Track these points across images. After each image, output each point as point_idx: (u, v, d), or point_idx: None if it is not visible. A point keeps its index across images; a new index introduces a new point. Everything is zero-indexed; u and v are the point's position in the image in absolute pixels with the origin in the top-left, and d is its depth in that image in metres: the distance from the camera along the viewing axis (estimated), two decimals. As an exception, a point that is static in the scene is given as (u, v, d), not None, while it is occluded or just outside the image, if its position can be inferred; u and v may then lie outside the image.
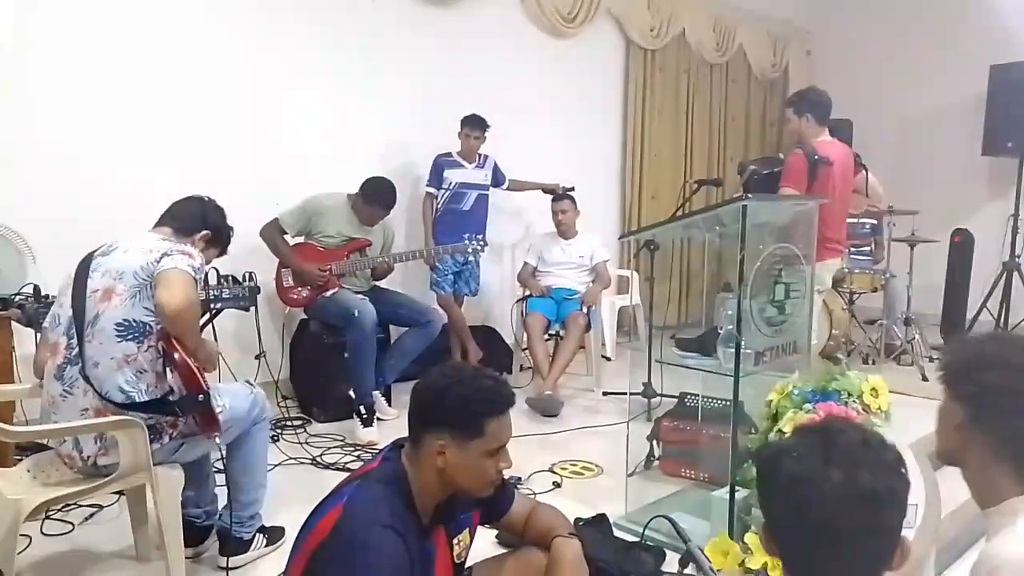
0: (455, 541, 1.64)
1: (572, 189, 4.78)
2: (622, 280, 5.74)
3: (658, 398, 3.74)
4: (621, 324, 5.60)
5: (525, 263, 4.79)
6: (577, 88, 5.64)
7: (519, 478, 3.07)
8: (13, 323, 2.66)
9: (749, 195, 2.72)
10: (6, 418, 2.50)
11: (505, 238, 5.35)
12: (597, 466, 3.32)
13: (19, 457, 2.47)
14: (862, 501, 0.90)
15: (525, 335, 4.43)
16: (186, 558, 2.37)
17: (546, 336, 4.47)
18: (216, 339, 3.23)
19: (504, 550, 1.92)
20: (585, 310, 4.39)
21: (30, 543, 2.47)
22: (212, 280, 3.14)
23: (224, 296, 3.15)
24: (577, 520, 2.62)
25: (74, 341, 2.00)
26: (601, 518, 2.64)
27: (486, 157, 4.61)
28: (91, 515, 2.69)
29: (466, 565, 1.72)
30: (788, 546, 0.97)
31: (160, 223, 2.27)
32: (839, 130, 6.12)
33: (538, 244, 4.81)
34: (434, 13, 4.78)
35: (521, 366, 4.76)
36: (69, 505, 2.71)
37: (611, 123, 6.06)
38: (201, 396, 1.98)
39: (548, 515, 1.78)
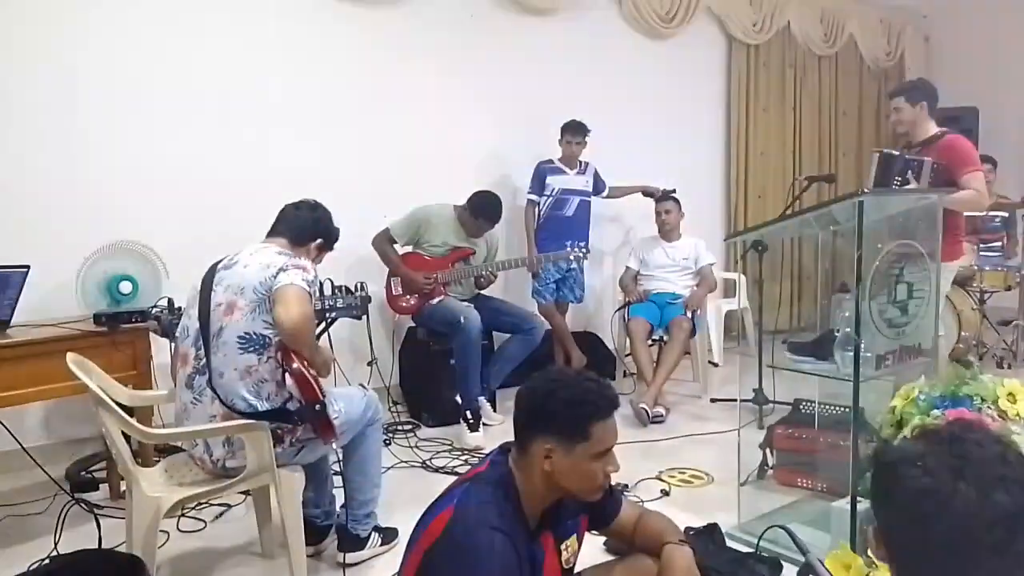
0: (563, 546, 1.64)
1: (674, 191, 4.70)
2: (728, 283, 5.59)
3: (770, 405, 3.63)
4: (729, 329, 5.44)
5: (627, 267, 4.73)
6: (677, 89, 5.55)
7: (626, 485, 3.03)
8: (151, 333, 2.88)
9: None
10: (145, 422, 2.70)
11: (606, 243, 5.32)
12: (707, 474, 3.24)
13: (157, 459, 2.67)
14: (994, 523, 0.83)
15: (628, 341, 4.37)
16: (307, 555, 2.50)
17: (650, 342, 4.41)
18: (331, 346, 3.37)
19: (612, 558, 1.90)
20: (689, 314, 4.29)
21: (168, 538, 2.66)
22: (327, 291, 3.29)
23: (338, 306, 3.29)
24: (688, 529, 2.56)
25: (202, 352, 2.13)
26: (713, 528, 2.58)
27: (587, 164, 4.60)
28: (221, 514, 2.87)
29: (575, 571, 1.71)
30: (903, 559, 0.91)
31: (275, 233, 2.37)
32: (963, 119, 5.75)
33: (640, 248, 4.74)
34: (531, 22, 4.83)
35: (625, 372, 4.71)
36: (201, 504, 2.91)
37: (713, 122, 5.92)
38: (318, 405, 2.06)
39: (658, 521, 1.75)
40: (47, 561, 1.88)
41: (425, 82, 4.39)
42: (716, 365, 5.07)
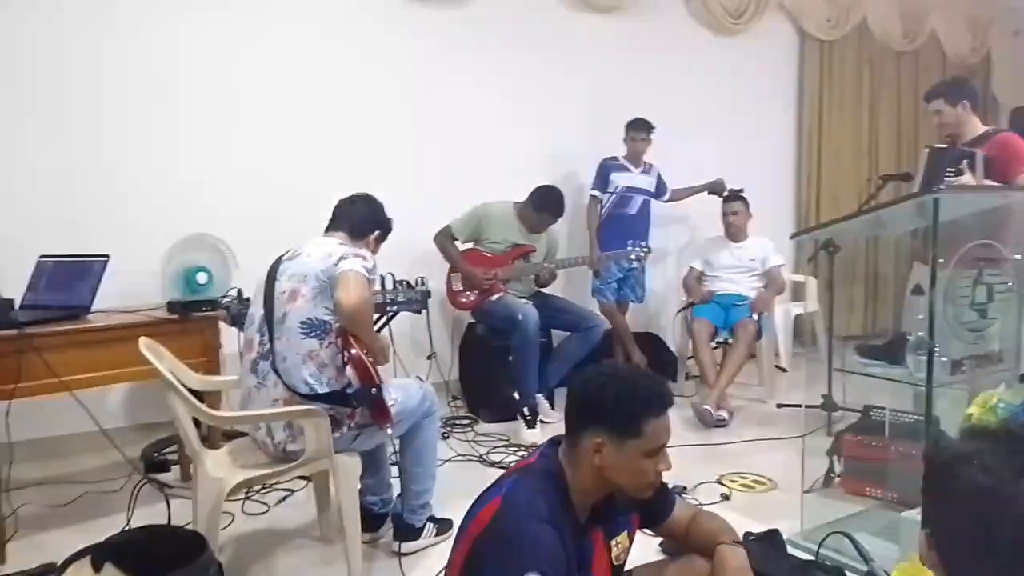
0: (613, 542, 1.62)
1: (741, 191, 4.59)
2: (798, 286, 5.43)
3: (839, 412, 3.50)
4: (798, 333, 5.28)
5: (691, 268, 4.64)
6: (746, 86, 5.42)
7: (684, 487, 2.98)
8: (220, 322, 2.98)
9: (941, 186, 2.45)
10: (214, 406, 2.80)
11: (671, 243, 5.24)
12: (769, 480, 3.15)
13: (225, 443, 2.76)
14: None
15: (690, 342, 4.29)
16: (364, 543, 2.54)
17: (714, 344, 4.32)
18: (392, 339, 3.44)
19: (665, 558, 1.87)
20: (756, 317, 4.18)
21: (232, 520, 2.75)
22: (388, 284, 3.35)
23: (399, 299, 3.35)
24: (747, 535, 2.49)
25: (266, 338, 2.20)
26: (773, 534, 2.50)
27: (651, 165, 4.55)
28: (284, 498, 2.95)
29: (625, 568, 1.69)
30: (958, 562, 0.86)
31: (334, 227, 2.43)
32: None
33: (705, 248, 4.65)
34: (595, 20, 4.80)
35: (687, 374, 4.63)
36: (265, 488, 3.01)
37: (784, 121, 5.75)
38: (374, 389, 2.11)
39: (712, 522, 1.70)
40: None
41: (489, 80, 4.43)
42: (784, 370, 4.93)
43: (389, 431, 2.22)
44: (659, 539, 2.20)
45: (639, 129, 4.37)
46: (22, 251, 2.92)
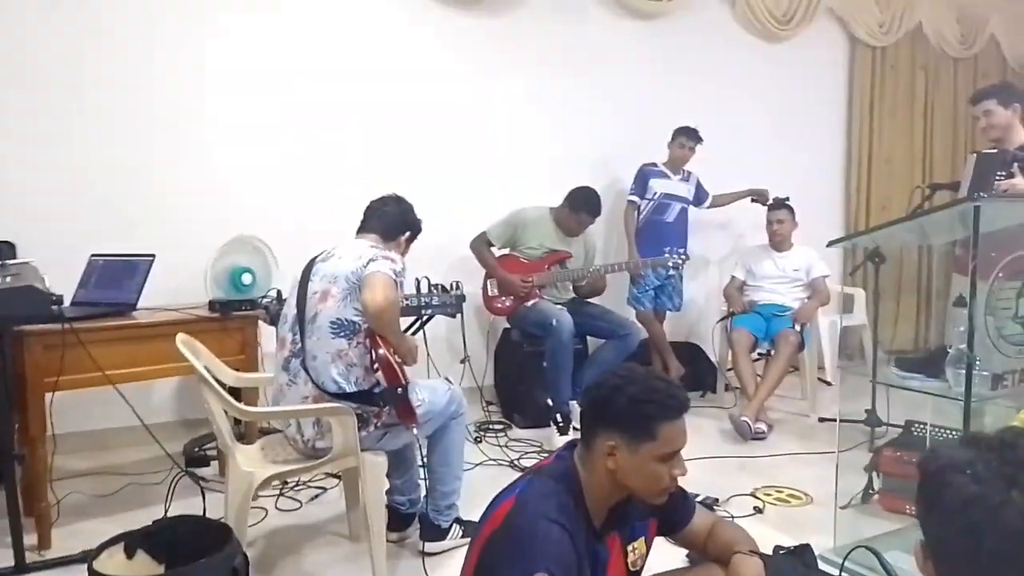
0: (630, 548, 1.61)
1: (787, 199, 4.50)
2: (847, 298, 5.29)
3: (883, 427, 3.40)
4: (846, 346, 5.14)
5: (732, 277, 4.57)
6: (793, 93, 5.33)
7: (716, 499, 2.93)
8: (259, 321, 3.06)
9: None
10: (252, 403, 2.89)
11: (712, 251, 5.18)
12: (806, 495, 3.07)
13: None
14: None
15: (730, 353, 4.23)
16: (391, 542, 2.58)
17: (755, 356, 4.24)
18: (426, 343, 3.47)
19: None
20: (798, 328, 4.09)
21: (266, 515, 2.82)
22: (423, 288, 3.39)
23: (434, 303, 3.38)
24: (777, 548, 2.44)
25: (298, 337, 2.26)
26: (804, 548, 2.43)
27: (690, 173, 4.52)
28: (316, 496, 3.01)
29: (642, 575, 1.67)
30: (949, 573, 0.84)
31: (366, 228, 2.49)
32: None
33: (747, 257, 4.57)
34: (640, 25, 4.79)
35: (727, 385, 4.55)
36: (299, 486, 3.07)
37: (833, 128, 5.63)
38: (400, 389, 2.14)
39: (731, 531, 1.68)
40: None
41: (529, 86, 4.45)
42: (828, 383, 4.81)
43: (415, 431, 2.24)
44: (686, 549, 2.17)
45: (690, 137, 4.34)
46: (76, 250, 3.04)
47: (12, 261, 2.29)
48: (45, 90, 3.38)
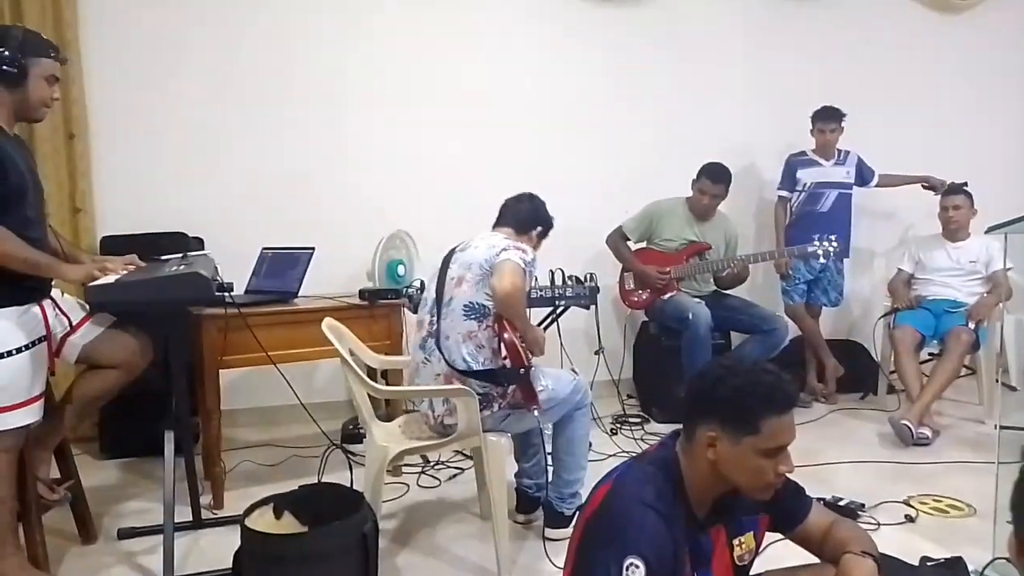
0: (736, 542, 1.57)
1: (965, 184, 4.10)
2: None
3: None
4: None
5: (899, 269, 4.23)
6: (971, 69, 4.82)
7: (862, 504, 2.75)
8: (404, 309, 3.26)
9: None
10: (396, 383, 3.09)
11: (878, 242, 4.82)
12: (969, 506, 2.81)
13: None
14: None
15: (892, 352, 3.92)
16: (518, 523, 2.69)
17: (926, 356, 3.91)
18: (559, 334, 3.55)
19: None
20: (972, 325, 3.71)
21: (408, 490, 3.03)
22: (558, 280, 3.45)
23: (568, 295, 3.43)
24: (924, 560, 2.27)
25: (435, 319, 2.42)
26: (956, 562, 2.24)
27: (847, 153, 4.21)
28: (454, 475, 3.17)
29: (752, 571, 1.63)
30: None
31: (501, 223, 2.63)
32: None
33: (917, 247, 4.20)
34: (789, 8, 4.54)
35: (890, 387, 4.22)
36: (440, 465, 3.25)
37: (1019, 106, 5.02)
38: (522, 370, 2.23)
39: (849, 531, 1.59)
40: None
41: (669, 77, 4.36)
42: (1014, 389, 4.33)
43: (536, 414, 2.31)
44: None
45: (827, 119, 4.06)
46: (255, 244, 3.39)
47: (194, 253, 2.61)
48: (235, 105, 3.78)
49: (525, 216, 2.62)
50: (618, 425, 3.78)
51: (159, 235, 3.59)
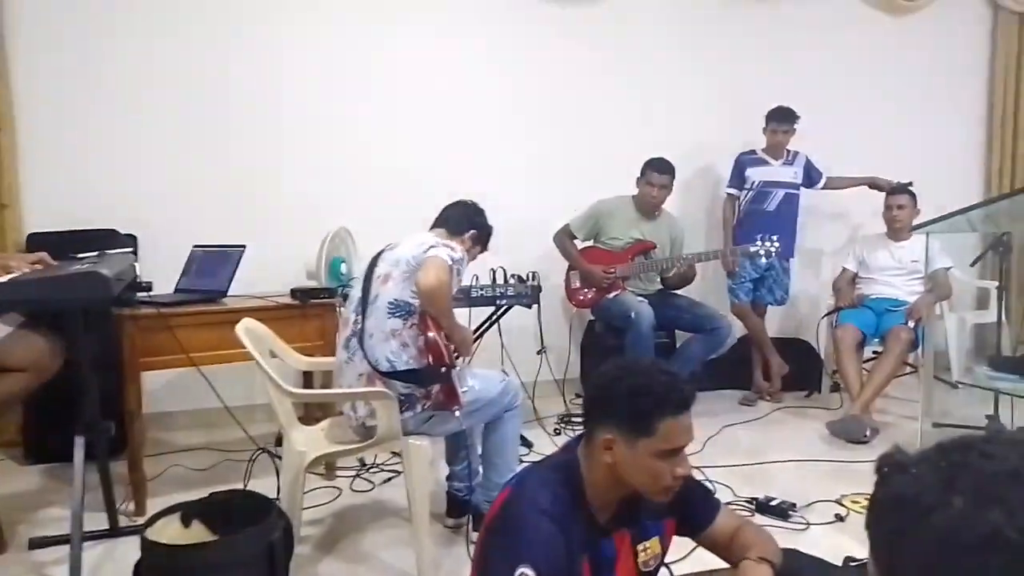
0: (640, 547, 1.54)
1: (910, 184, 4.13)
2: (982, 293, 4.80)
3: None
4: (982, 346, 4.66)
5: (844, 268, 4.26)
6: (920, 70, 4.89)
7: (793, 504, 2.75)
8: (338, 308, 3.19)
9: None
10: (328, 385, 3.02)
11: (826, 242, 4.86)
12: (900, 505, 2.81)
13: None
14: (978, 547, 0.63)
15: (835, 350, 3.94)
16: (448, 527, 2.65)
17: (871, 354, 3.93)
18: (501, 334, 3.51)
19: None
20: (911, 324, 3.74)
21: (340, 494, 2.96)
22: (500, 279, 3.41)
23: (509, 294, 3.38)
24: (848, 560, 2.26)
25: (360, 317, 2.36)
26: (878, 562, 2.24)
27: (796, 153, 4.23)
28: (390, 479, 3.11)
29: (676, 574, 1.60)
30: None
31: (436, 224, 2.61)
32: None
33: (862, 247, 4.24)
34: (742, 8, 4.55)
35: (835, 385, 4.25)
36: (376, 468, 3.19)
37: (969, 107, 5.11)
38: (444, 368, 2.19)
39: (752, 536, 1.56)
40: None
41: (618, 73, 4.34)
42: (955, 386, 4.38)
43: (457, 414, 2.27)
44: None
45: (780, 120, 4.07)
46: (187, 240, 3.27)
47: (112, 251, 2.52)
48: (171, 100, 3.67)
49: (458, 218, 2.61)
50: (562, 425, 3.75)
51: (89, 232, 3.47)
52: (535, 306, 3.45)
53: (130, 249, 2.92)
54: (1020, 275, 5.09)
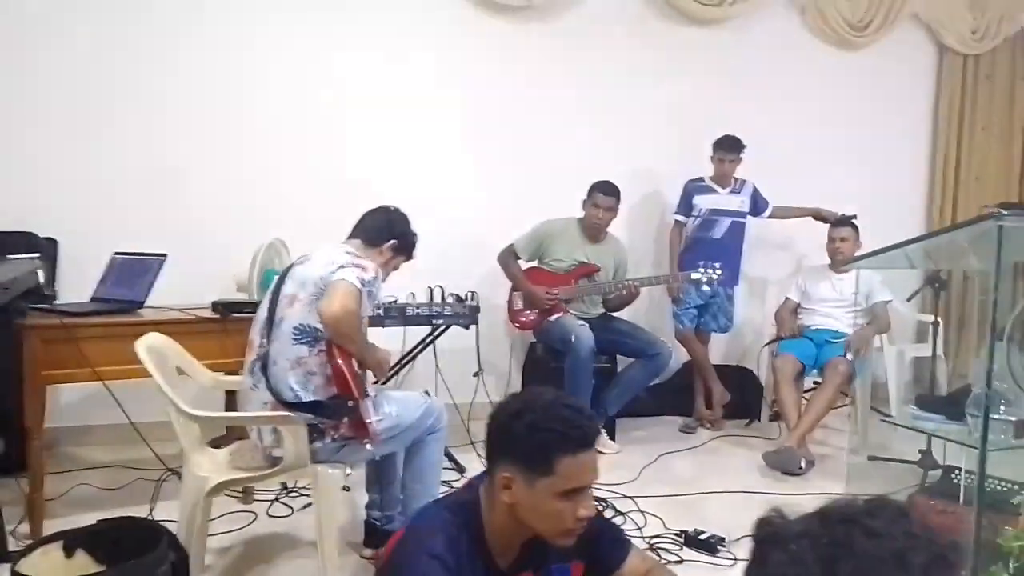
0: (545, 591, 1.46)
1: (854, 217, 4.16)
2: (922, 326, 4.86)
3: (939, 471, 3.06)
4: (920, 379, 4.70)
5: (786, 299, 4.26)
6: (869, 104, 4.94)
7: (722, 539, 2.69)
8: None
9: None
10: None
11: (772, 271, 4.86)
12: (830, 540, 2.77)
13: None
14: None
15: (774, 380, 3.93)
16: (365, 557, 2.51)
17: (811, 385, 3.92)
18: (435, 355, 3.41)
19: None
20: (850, 356, 3.75)
21: (255, 519, 2.82)
22: (437, 298, 3.32)
23: (447, 313, 3.30)
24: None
25: (265, 340, 2.21)
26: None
27: (743, 182, 4.23)
28: (309, 504, 2.95)
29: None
30: None
31: (352, 234, 2.42)
32: None
33: (804, 278, 4.25)
34: (694, 33, 4.56)
35: (775, 414, 4.23)
36: (296, 493, 3.05)
37: (914, 143, 5.18)
38: (351, 402, 2.05)
39: (661, 580, 1.49)
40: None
41: (573, 93, 4.30)
42: (890, 417, 4.40)
43: (368, 447, 2.15)
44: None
45: (727, 150, 4.07)
46: (110, 246, 3.10)
47: (16, 256, 2.37)
48: (98, 101, 3.53)
49: (376, 227, 2.41)
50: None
51: (2, 234, 3.28)
52: (473, 327, 3.36)
53: (37, 255, 2.76)
54: (958, 310, 5.20)
